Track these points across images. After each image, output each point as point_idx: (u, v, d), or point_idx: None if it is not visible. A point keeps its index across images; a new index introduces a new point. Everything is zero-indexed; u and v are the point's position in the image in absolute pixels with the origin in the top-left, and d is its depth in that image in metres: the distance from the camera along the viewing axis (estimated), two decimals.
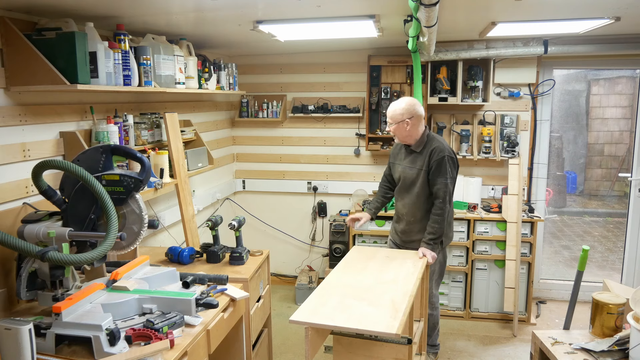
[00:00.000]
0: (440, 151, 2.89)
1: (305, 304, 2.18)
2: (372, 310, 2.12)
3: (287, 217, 4.78)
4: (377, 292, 2.32)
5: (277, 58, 4.55)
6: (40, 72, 2.06)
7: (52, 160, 1.94)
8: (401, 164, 3.05)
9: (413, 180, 2.97)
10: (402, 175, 3.03)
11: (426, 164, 2.92)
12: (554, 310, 4.24)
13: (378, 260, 2.77)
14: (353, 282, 2.44)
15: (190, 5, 2.32)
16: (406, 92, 4.19)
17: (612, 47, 3.69)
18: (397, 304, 2.17)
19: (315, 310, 2.13)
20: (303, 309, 2.12)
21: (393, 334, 1.92)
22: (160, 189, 2.76)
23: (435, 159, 2.88)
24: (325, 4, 2.31)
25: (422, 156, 2.94)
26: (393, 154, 3.19)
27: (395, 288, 2.35)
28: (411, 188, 2.99)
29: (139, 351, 1.66)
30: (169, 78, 2.86)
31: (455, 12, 2.65)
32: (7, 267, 2.03)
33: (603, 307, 2.25)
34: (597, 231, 7.06)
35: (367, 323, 2.01)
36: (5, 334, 1.55)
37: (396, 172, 3.11)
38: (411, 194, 2.99)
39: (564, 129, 7.82)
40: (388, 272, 2.57)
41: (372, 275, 2.53)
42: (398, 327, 1.94)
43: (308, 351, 2.06)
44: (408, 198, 3.02)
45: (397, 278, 2.48)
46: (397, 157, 3.12)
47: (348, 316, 2.06)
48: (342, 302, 2.20)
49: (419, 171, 2.95)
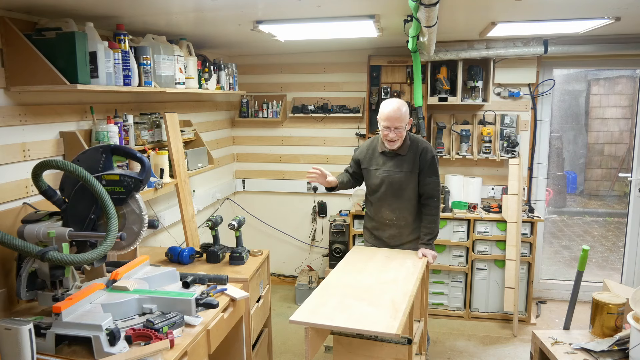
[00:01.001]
0: (429, 151, 2.86)
1: (305, 304, 2.18)
2: (372, 310, 2.12)
3: (287, 217, 4.78)
4: (377, 292, 2.32)
5: (277, 58, 4.55)
6: (40, 72, 2.06)
7: (52, 160, 1.94)
8: (381, 169, 2.90)
9: (401, 185, 2.87)
10: (385, 180, 2.88)
11: (417, 165, 2.84)
12: (554, 310, 4.24)
13: (378, 260, 2.77)
14: (353, 282, 2.44)
15: (190, 5, 2.32)
16: (406, 92, 4.19)
17: (612, 47, 3.69)
18: (397, 304, 2.17)
19: (315, 310, 2.13)
20: (303, 309, 2.12)
21: (393, 334, 1.92)
22: (160, 189, 2.76)
23: (427, 159, 2.83)
24: (325, 4, 2.31)
25: (409, 158, 2.84)
26: (365, 159, 2.97)
27: (395, 288, 2.35)
28: (400, 192, 2.88)
29: (139, 351, 1.66)
30: (169, 78, 2.86)
31: (455, 12, 2.65)
32: (7, 267, 2.03)
33: (603, 307, 2.25)
34: (597, 231, 7.06)
35: (366, 323, 2.01)
36: (5, 334, 1.55)
37: (374, 177, 2.92)
38: (402, 198, 2.89)
39: (564, 129, 7.82)
40: (388, 272, 2.57)
41: (372, 275, 2.53)
42: (398, 327, 1.94)
43: (308, 351, 2.06)
44: (398, 203, 2.90)
45: (397, 278, 2.48)
46: (372, 161, 2.94)
47: (348, 316, 2.06)
48: (342, 302, 2.20)
49: (407, 174, 2.85)
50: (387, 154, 2.90)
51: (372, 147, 2.99)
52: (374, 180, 2.94)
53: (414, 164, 2.85)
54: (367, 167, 2.97)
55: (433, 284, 4.03)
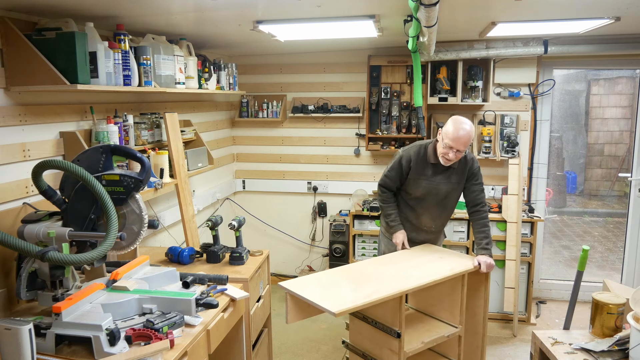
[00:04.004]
0: (475, 161, 2.89)
1: (304, 278, 2.42)
2: (349, 291, 2.25)
3: (287, 217, 4.78)
4: (382, 279, 2.40)
5: (277, 58, 4.55)
6: (40, 72, 2.06)
7: (52, 160, 1.94)
8: (429, 180, 2.85)
9: (447, 195, 2.89)
10: (432, 191, 2.86)
11: (464, 177, 2.86)
12: (554, 310, 4.24)
13: (424, 256, 2.81)
14: (368, 270, 2.55)
15: (190, 5, 2.32)
16: (406, 92, 4.20)
17: (612, 47, 3.69)
18: (380, 292, 2.22)
19: (306, 282, 2.34)
20: (297, 280, 2.36)
21: (333, 313, 2.03)
22: (160, 189, 2.76)
23: (474, 169, 2.86)
24: (325, 4, 2.31)
25: (459, 170, 2.85)
26: (414, 170, 2.85)
27: (406, 279, 2.40)
28: (444, 202, 2.91)
29: (139, 351, 1.66)
30: (169, 78, 2.86)
31: (455, 12, 2.65)
32: (7, 267, 2.03)
33: (603, 307, 2.25)
34: (597, 231, 7.06)
35: (322, 299, 2.13)
36: (5, 334, 1.55)
37: (419, 187, 2.87)
38: (443, 207, 2.93)
39: (564, 129, 7.83)
40: (419, 267, 2.60)
41: (399, 267, 2.60)
42: (340, 309, 2.04)
43: (287, 314, 2.22)
44: (438, 211, 2.94)
45: (421, 275, 2.48)
46: (422, 173, 2.85)
47: (320, 292, 2.22)
48: (334, 282, 2.38)
49: (456, 185, 2.87)
50: (437, 165, 2.82)
51: (420, 157, 2.85)
52: (418, 189, 2.88)
53: (462, 176, 2.86)
54: (414, 178, 2.87)
55: None
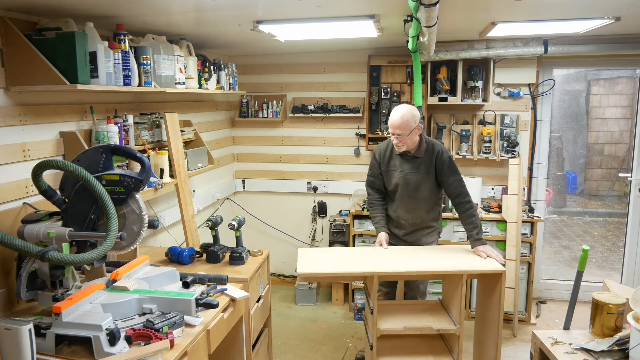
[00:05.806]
0: (445, 152, 2.97)
1: (317, 250, 2.93)
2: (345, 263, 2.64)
3: (287, 217, 4.78)
4: (373, 260, 2.69)
5: (277, 58, 4.55)
6: (40, 72, 2.06)
7: (52, 160, 1.94)
8: (398, 170, 3.00)
9: (417, 186, 2.98)
10: (401, 182, 2.99)
11: (433, 167, 2.95)
12: (554, 310, 4.24)
13: (432, 249, 3.01)
14: (380, 255, 2.84)
15: (190, 5, 2.32)
16: (406, 92, 4.19)
17: (612, 47, 3.69)
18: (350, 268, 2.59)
19: (319, 258, 2.82)
20: (310, 254, 2.85)
21: (301, 275, 2.52)
22: (160, 189, 2.76)
23: (443, 160, 2.94)
24: (325, 4, 2.31)
25: (426, 160, 2.95)
26: (383, 162, 3.05)
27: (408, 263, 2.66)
28: (416, 193, 2.99)
29: (139, 351, 1.66)
30: (169, 78, 2.85)
31: (455, 12, 2.65)
32: (7, 267, 2.03)
33: (603, 307, 2.25)
34: (597, 231, 7.06)
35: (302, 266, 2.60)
36: (5, 334, 1.55)
37: (392, 179, 3.03)
38: (417, 198, 3.00)
39: (564, 129, 7.83)
40: (429, 258, 2.80)
41: (411, 258, 2.80)
42: (302, 272, 2.54)
43: None
44: (413, 203, 3.02)
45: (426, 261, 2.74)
46: (390, 163, 3.03)
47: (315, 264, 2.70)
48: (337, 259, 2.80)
49: (425, 175, 2.96)
50: (404, 156, 2.99)
51: (389, 149, 3.06)
52: (392, 181, 3.04)
53: (430, 166, 2.95)
54: (386, 170, 3.07)
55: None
